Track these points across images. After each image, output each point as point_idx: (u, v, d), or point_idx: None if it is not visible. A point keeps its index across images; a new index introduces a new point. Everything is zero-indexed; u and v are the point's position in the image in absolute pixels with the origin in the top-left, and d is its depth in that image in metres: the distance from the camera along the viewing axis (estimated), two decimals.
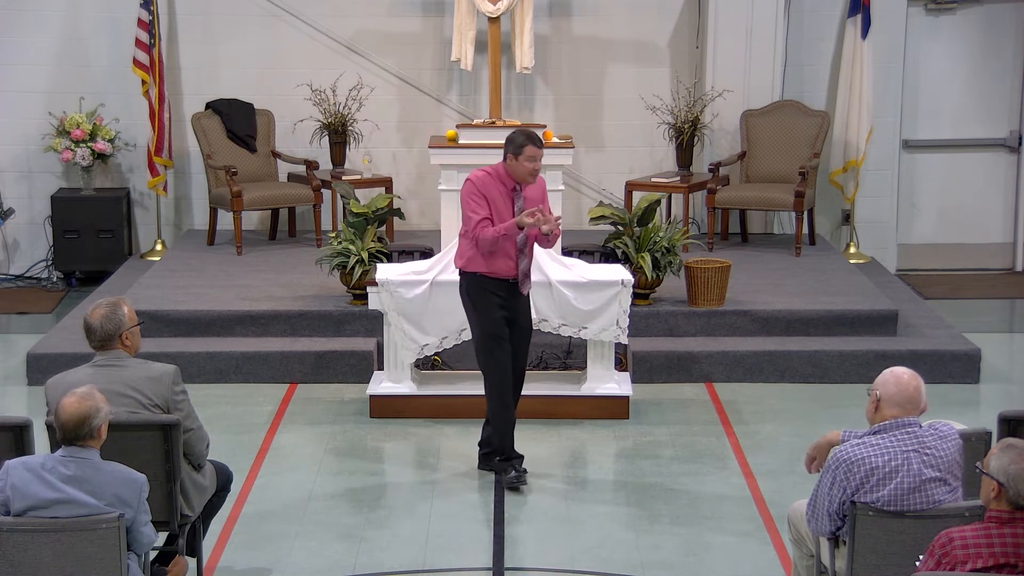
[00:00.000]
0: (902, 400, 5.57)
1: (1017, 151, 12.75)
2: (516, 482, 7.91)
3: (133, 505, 5.50)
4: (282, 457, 8.50)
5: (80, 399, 5.47)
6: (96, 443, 5.51)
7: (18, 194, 12.45)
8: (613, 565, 7.05)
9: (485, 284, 7.86)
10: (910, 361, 9.01)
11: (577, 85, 12.53)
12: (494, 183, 7.80)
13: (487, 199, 7.77)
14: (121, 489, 5.48)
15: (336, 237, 9.98)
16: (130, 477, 5.53)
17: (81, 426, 5.45)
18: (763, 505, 7.76)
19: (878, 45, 12.18)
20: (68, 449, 5.48)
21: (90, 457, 5.48)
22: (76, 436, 5.46)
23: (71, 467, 5.45)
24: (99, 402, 5.50)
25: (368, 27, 12.43)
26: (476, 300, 7.92)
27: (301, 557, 7.13)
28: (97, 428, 5.48)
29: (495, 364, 7.93)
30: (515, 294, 7.90)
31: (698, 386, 9.70)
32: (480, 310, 7.92)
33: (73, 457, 5.46)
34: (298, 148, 12.34)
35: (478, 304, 7.92)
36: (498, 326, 7.89)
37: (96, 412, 5.47)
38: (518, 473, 7.95)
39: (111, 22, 12.28)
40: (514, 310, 7.94)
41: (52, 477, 5.44)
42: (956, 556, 4.90)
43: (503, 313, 7.89)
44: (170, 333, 9.94)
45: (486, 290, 7.87)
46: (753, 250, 11.90)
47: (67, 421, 5.45)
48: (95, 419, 5.47)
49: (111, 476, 5.48)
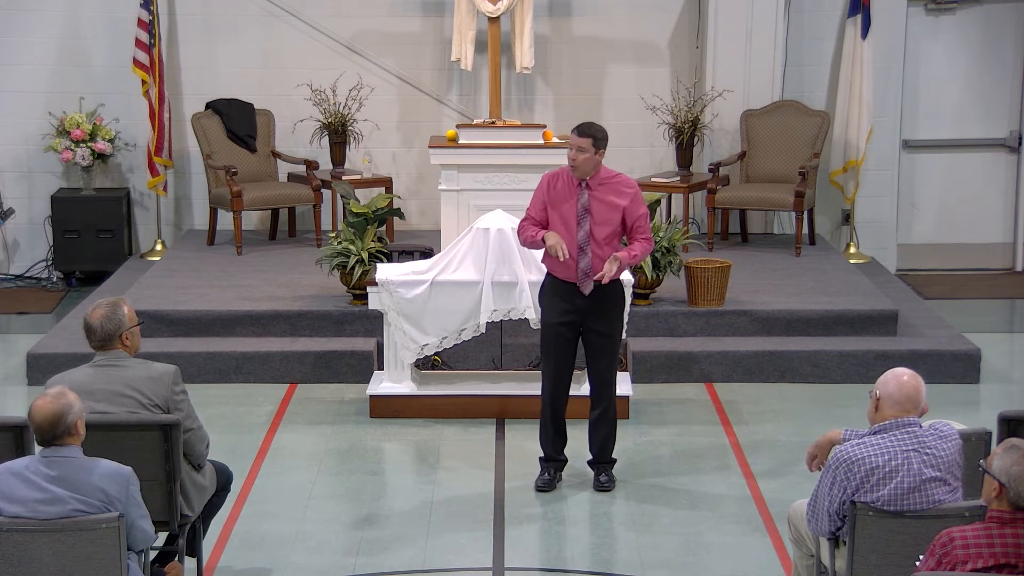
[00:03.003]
0: (902, 400, 5.57)
1: (1017, 151, 12.75)
2: (543, 486, 7.92)
3: (122, 499, 5.46)
4: (282, 457, 8.50)
5: (51, 399, 5.45)
6: (75, 440, 5.48)
7: (18, 194, 12.45)
8: (613, 565, 7.05)
9: (552, 285, 7.79)
10: (910, 361, 9.04)
11: (577, 85, 12.53)
12: (563, 178, 7.71)
13: (549, 194, 7.68)
14: (107, 484, 5.44)
15: (336, 237, 9.97)
16: (115, 471, 5.48)
17: (56, 425, 5.43)
18: (763, 505, 7.76)
19: (878, 45, 12.18)
20: (49, 449, 5.46)
21: (73, 455, 5.45)
22: (53, 436, 5.44)
23: (54, 467, 5.42)
24: (71, 399, 5.47)
25: (368, 27, 12.43)
26: (540, 299, 7.90)
27: (301, 557, 7.13)
28: (73, 425, 5.45)
29: (546, 367, 7.88)
30: (582, 296, 7.68)
31: (698, 386, 9.70)
32: (543, 310, 7.88)
33: (55, 457, 5.44)
34: (298, 148, 12.34)
35: (541, 303, 7.89)
36: (552, 330, 7.78)
37: (69, 409, 5.44)
38: (549, 478, 7.96)
39: (111, 22, 12.28)
40: (583, 313, 7.73)
41: (37, 478, 5.42)
42: (956, 556, 4.90)
43: (568, 317, 7.73)
44: (170, 333, 9.94)
45: (551, 291, 7.80)
46: (753, 250, 11.90)
47: (42, 422, 5.43)
48: (69, 416, 5.44)
49: (96, 473, 5.44)
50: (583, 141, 7.60)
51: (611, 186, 7.69)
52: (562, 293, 7.73)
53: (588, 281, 7.65)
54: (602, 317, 7.76)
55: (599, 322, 7.76)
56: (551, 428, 7.97)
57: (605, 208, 7.64)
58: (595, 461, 8.04)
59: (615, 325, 7.86)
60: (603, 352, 7.82)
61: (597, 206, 7.64)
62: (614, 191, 7.68)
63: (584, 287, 7.67)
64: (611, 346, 7.83)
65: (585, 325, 7.77)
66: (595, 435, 7.99)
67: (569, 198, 7.66)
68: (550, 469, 8.01)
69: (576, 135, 7.62)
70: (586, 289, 7.67)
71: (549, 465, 8.02)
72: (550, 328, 7.81)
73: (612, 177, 7.72)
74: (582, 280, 7.66)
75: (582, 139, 7.60)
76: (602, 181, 7.68)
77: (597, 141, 7.62)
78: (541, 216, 7.72)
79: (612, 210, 7.65)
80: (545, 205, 7.71)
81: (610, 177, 7.71)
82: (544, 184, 7.75)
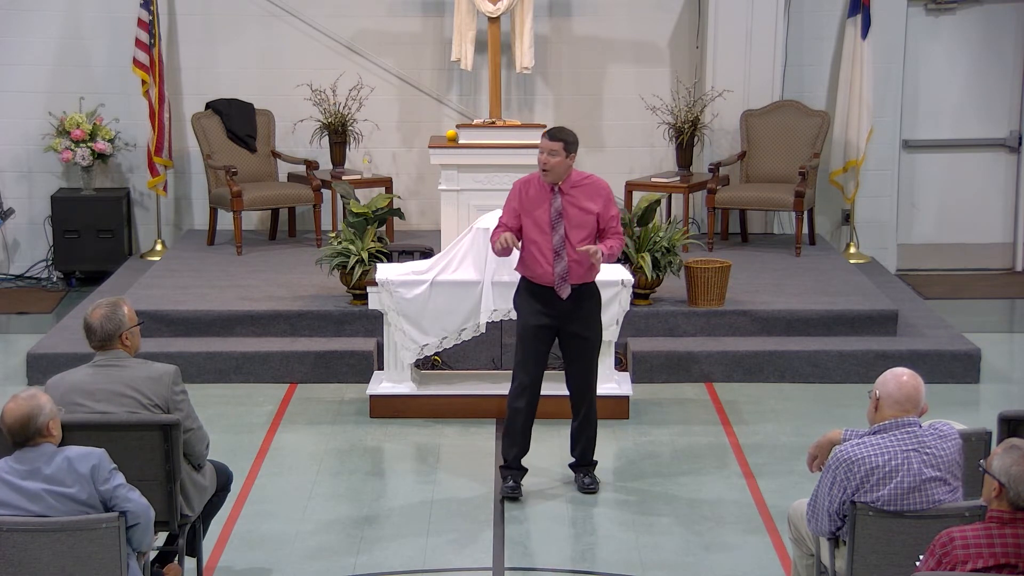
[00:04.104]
0: (902, 400, 5.58)
1: (1017, 151, 12.75)
2: (510, 493, 7.84)
3: (98, 478, 5.45)
4: (282, 457, 8.50)
5: (22, 401, 5.45)
6: (50, 440, 5.48)
7: (18, 194, 12.46)
8: (613, 565, 7.05)
9: (528, 288, 7.73)
10: (910, 361, 9.04)
11: (577, 85, 12.53)
12: (535, 183, 7.66)
13: (521, 201, 7.63)
14: (80, 465, 5.44)
15: (336, 237, 9.97)
16: (85, 453, 5.48)
17: (27, 427, 5.43)
18: (763, 505, 7.76)
19: (878, 45, 12.18)
20: (21, 451, 5.46)
21: (43, 451, 5.45)
22: (25, 438, 5.44)
23: (25, 462, 5.43)
24: (42, 401, 5.47)
25: (368, 27, 12.43)
26: (516, 303, 7.85)
27: (301, 557, 7.13)
28: (45, 426, 5.45)
29: (520, 371, 7.79)
30: (559, 300, 7.64)
31: (698, 386, 9.70)
32: (519, 314, 7.83)
33: (26, 454, 5.44)
34: (298, 148, 12.34)
35: (518, 307, 7.84)
36: (528, 333, 7.72)
37: (39, 411, 5.44)
38: (513, 485, 7.84)
39: (111, 22, 12.28)
40: (560, 318, 7.69)
41: (12, 477, 5.43)
42: (957, 556, 4.90)
43: (546, 320, 7.68)
44: (170, 333, 9.94)
45: (526, 294, 7.74)
46: (753, 250, 11.90)
47: (12, 424, 5.44)
48: (40, 417, 5.44)
49: (67, 460, 5.45)
50: (554, 145, 7.56)
51: (583, 189, 7.65)
52: (541, 296, 7.68)
53: (565, 285, 7.62)
54: (580, 320, 7.72)
55: (577, 324, 7.72)
56: (519, 435, 7.84)
57: (579, 211, 7.61)
58: (577, 464, 8.01)
59: (593, 327, 7.81)
60: (582, 355, 7.78)
61: (571, 210, 7.60)
62: (586, 194, 7.64)
63: (562, 291, 7.62)
64: (589, 349, 7.79)
65: (563, 328, 7.73)
66: (577, 439, 7.96)
67: (542, 203, 7.62)
68: (516, 476, 7.88)
69: (547, 139, 7.58)
70: (563, 293, 7.62)
71: (511, 473, 7.89)
72: (527, 329, 7.74)
73: (584, 179, 7.70)
74: (559, 285, 7.61)
75: (553, 143, 7.56)
76: (574, 184, 7.64)
77: (568, 145, 7.59)
78: (514, 224, 7.66)
79: (586, 213, 7.62)
80: (517, 213, 7.66)
81: (582, 180, 7.69)
82: (516, 191, 7.71)
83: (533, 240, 7.63)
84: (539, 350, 7.75)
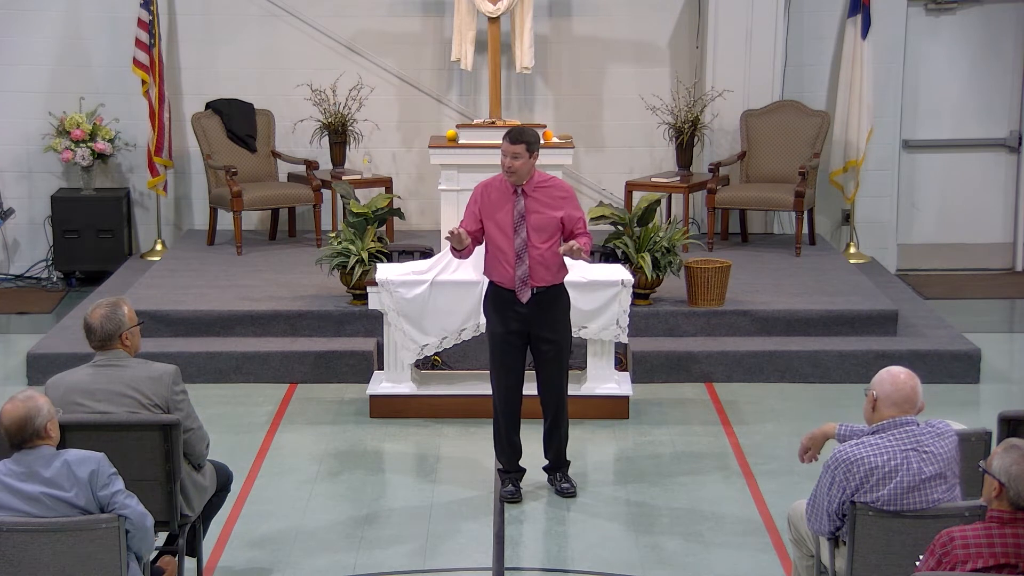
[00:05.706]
0: (899, 399, 5.58)
1: (1017, 151, 12.75)
2: (510, 497, 7.84)
3: (96, 484, 5.45)
4: (282, 457, 8.50)
5: (19, 402, 5.45)
6: (48, 442, 5.48)
7: (18, 194, 12.46)
8: (613, 565, 7.05)
9: (495, 293, 7.72)
10: (910, 361, 9.03)
11: (577, 85, 12.54)
12: (496, 186, 7.68)
13: (483, 204, 7.64)
14: (79, 469, 5.44)
15: (336, 237, 9.98)
16: (84, 457, 5.48)
17: (25, 428, 5.42)
18: (763, 505, 7.76)
19: (878, 45, 12.18)
20: (19, 452, 5.46)
21: (42, 453, 5.45)
22: (23, 439, 5.44)
23: (23, 464, 5.43)
24: (40, 403, 5.47)
25: (368, 27, 12.43)
26: (485, 308, 7.84)
27: (301, 557, 7.13)
28: (43, 427, 5.45)
29: (497, 380, 7.80)
30: (526, 305, 7.62)
31: (698, 386, 9.70)
32: (488, 320, 7.82)
33: (24, 456, 5.44)
34: (298, 148, 12.35)
35: (487, 313, 7.82)
36: (496, 342, 7.72)
37: (37, 412, 5.44)
38: (513, 489, 7.86)
39: (111, 22, 12.28)
40: (530, 323, 7.67)
41: (10, 480, 5.43)
42: (957, 556, 4.90)
43: (515, 326, 7.67)
44: (170, 333, 9.94)
45: (494, 299, 7.72)
46: (753, 250, 11.90)
47: (10, 426, 5.43)
48: (38, 419, 5.43)
49: (66, 464, 5.44)
50: (517, 148, 7.57)
51: (546, 190, 7.65)
52: (505, 301, 7.66)
53: (526, 289, 7.61)
54: (547, 324, 7.70)
55: (545, 329, 7.70)
56: (506, 442, 7.86)
57: (541, 214, 7.60)
58: (551, 467, 7.98)
59: (561, 331, 7.78)
60: (551, 360, 7.75)
61: (533, 212, 7.60)
62: (549, 196, 7.64)
63: (522, 295, 7.61)
64: (558, 353, 7.75)
65: (532, 333, 7.71)
66: (549, 443, 7.93)
67: (504, 205, 7.62)
68: (514, 479, 7.90)
69: (509, 143, 7.58)
70: (523, 297, 7.61)
71: (509, 477, 7.91)
72: (497, 339, 7.73)
73: (546, 181, 7.69)
74: (520, 288, 7.60)
75: (516, 146, 7.57)
76: (537, 186, 7.64)
77: (530, 146, 7.60)
78: (475, 228, 7.65)
79: (549, 216, 7.61)
80: (478, 216, 7.65)
81: (544, 181, 7.68)
82: (477, 194, 7.71)
83: (496, 243, 7.63)
84: (511, 358, 7.75)
